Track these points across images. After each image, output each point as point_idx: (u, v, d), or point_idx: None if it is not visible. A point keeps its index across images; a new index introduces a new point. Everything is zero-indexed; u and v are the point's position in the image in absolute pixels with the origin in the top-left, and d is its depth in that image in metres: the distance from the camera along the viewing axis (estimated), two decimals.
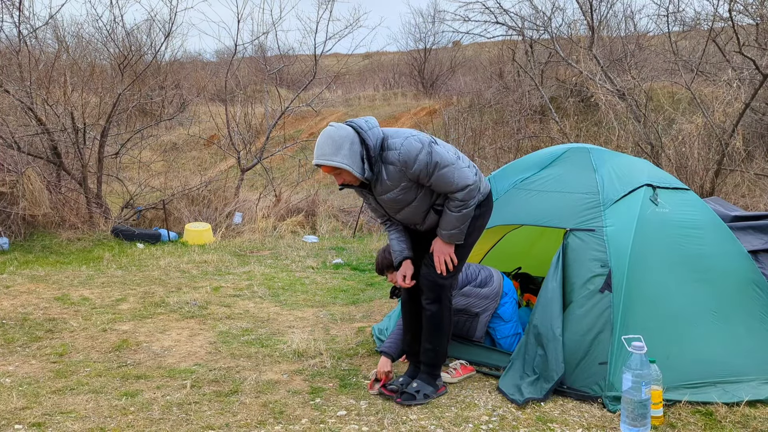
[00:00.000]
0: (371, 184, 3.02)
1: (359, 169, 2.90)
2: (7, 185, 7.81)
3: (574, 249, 3.39)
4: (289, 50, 17.03)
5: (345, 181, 2.96)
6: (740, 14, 8.53)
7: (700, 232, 3.53)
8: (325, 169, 2.91)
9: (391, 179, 2.96)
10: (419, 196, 3.04)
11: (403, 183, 2.97)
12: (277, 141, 13.70)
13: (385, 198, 3.04)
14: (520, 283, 4.52)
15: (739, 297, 3.40)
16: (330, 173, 2.94)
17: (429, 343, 3.22)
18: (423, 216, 3.11)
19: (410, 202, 3.05)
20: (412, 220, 3.15)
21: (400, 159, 2.90)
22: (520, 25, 12.29)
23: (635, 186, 3.57)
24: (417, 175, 2.93)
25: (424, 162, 2.89)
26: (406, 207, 3.07)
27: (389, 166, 2.94)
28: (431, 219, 3.13)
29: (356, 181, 2.97)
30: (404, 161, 2.90)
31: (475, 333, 3.72)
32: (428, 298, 3.18)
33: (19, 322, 4.52)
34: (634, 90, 10.02)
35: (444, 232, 3.06)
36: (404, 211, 3.10)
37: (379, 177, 2.97)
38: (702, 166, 8.31)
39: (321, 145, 2.89)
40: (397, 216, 3.15)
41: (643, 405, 2.73)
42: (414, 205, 3.06)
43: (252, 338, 4.23)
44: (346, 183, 2.98)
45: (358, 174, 2.90)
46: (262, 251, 7.96)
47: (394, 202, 3.05)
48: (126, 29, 11.99)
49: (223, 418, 2.92)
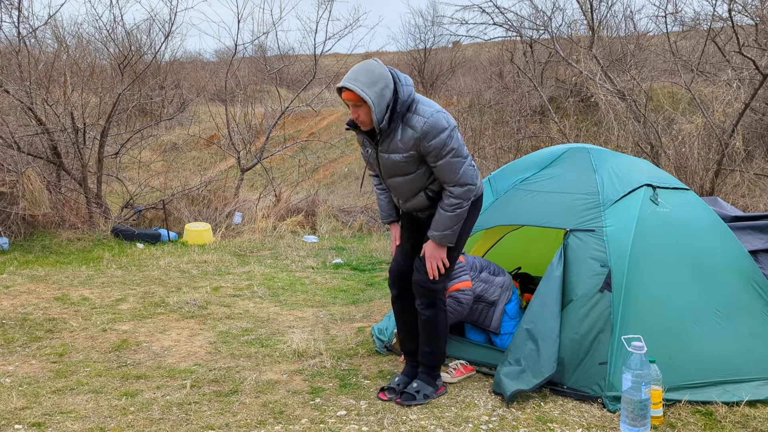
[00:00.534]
0: (379, 137, 2.93)
1: (380, 115, 2.82)
2: (7, 185, 7.80)
3: (574, 249, 3.40)
4: (289, 50, 17.05)
5: (359, 118, 2.86)
6: (739, 14, 8.53)
7: (700, 231, 3.54)
8: (349, 95, 2.81)
9: (404, 143, 2.89)
10: (419, 171, 2.97)
11: (412, 152, 2.90)
12: (277, 141, 13.71)
13: (386, 158, 2.96)
14: (520, 283, 4.52)
15: (739, 297, 3.40)
16: (350, 101, 2.83)
17: (427, 346, 3.22)
18: (411, 193, 3.04)
19: (407, 173, 2.98)
20: (399, 190, 3.07)
21: (423, 128, 2.83)
22: (519, 25, 12.29)
23: (635, 186, 3.57)
24: (429, 151, 2.86)
25: (442, 141, 2.84)
26: (400, 176, 3.00)
27: (408, 130, 2.87)
28: (417, 201, 3.07)
29: (369, 124, 2.88)
30: (426, 132, 2.83)
31: (491, 323, 3.75)
32: (422, 304, 3.16)
33: (19, 322, 4.52)
34: (634, 90, 10.02)
35: (436, 234, 3.00)
36: (397, 179, 3.02)
37: (393, 135, 2.90)
38: (702, 166, 8.31)
39: (357, 72, 2.80)
40: (387, 180, 3.08)
41: (643, 405, 2.74)
42: (409, 178, 2.99)
43: (252, 338, 4.23)
44: (357, 123, 2.89)
45: (376, 118, 2.82)
46: (262, 251, 7.96)
47: (393, 166, 2.97)
48: (126, 29, 12.01)
49: (223, 418, 2.93)
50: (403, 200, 3.11)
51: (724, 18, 8.56)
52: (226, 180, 10.45)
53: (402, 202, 3.14)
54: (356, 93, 2.77)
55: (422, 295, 3.15)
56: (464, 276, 3.70)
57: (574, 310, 3.27)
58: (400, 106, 2.85)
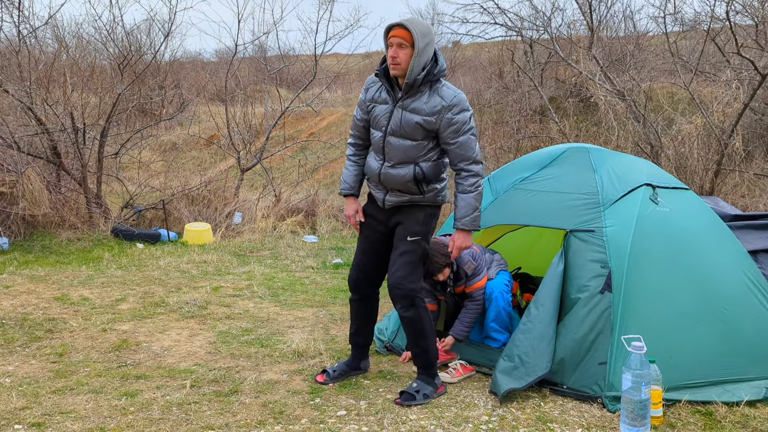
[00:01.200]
0: (403, 94, 3.01)
1: (419, 67, 2.93)
2: (6, 185, 7.80)
3: (574, 250, 3.40)
4: (290, 50, 17.02)
5: (398, 58, 2.93)
6: (739, 14, 8.54)
7: (700, 231, 3.54)
8: (402, 32, 2.90)
9: (429, 107, 2.99)
10: (422, 142, 3.06)
11: (431, 119, 3.00)
12: (277, 141, 13.70)
13: (404, 115, 3.02)
14: (520, 283, 4.52)
15: (739, 296, 3.40)
16: (399, 38, 2.91)
17: (416, 347, 3.26)
18: (404, 159, 3.07)
19: (413, 138, 3.05)
20: (395, 151, 3.08)
21: (452, 100, 2.98)
22: (519, 26, 12.27)
23: (634, 186, 3.57)
24: (452, 124, 2.99)
25: (466, 118, 3.01)
26: (407, 139, 3.06)
27: (436, 97, 3.00)
28: (403, 171, 3.08)
29: (403, 70, 2.95)
30: (454, 104, 2.98)
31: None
32: (403, 306, 3.20)
33: (19, 322, 4.52)
34: (634, 90, 10.02)
35: (465, 220, 3.09)
36: (401, 140, 3.06)
37: (420, 96, 3.01)
38: (701, 166, 8.32)
39: (414, 21, 2.94)
40: (389, 138, 3.09)
41: (642, 405, 2.74)
42: (412, 144, 3.06)
43: (252, 338, 4.23)
44: (393, 65, 2.95)
45: (413, 66, 2.92)
46: (262, 251, 7.96)
47: (407, 125, 3.03)
48: (126, 29, 12.00)
49: (223, 418, 2.93)
50: (391, 164, 3.12)
51: (722, 18, 8.56)
52: (226, 180, 10.45)
53: (388, 167, 3.13)
54: (410, 32, 2.89)
55: (401, 297, 3.19)
56: (484, 271, 3.71)
57: (575, 311, 3.27)
58: (437, 72, 2.99)
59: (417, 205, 3.19)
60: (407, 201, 3.17)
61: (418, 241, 3.18)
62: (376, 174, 3.20)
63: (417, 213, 3.20)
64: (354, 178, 3.35)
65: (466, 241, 3.16)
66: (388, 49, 2.97)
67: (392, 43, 2.95)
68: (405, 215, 3.21)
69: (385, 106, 3.11)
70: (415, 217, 3.19)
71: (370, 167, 3.24)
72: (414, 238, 3.18)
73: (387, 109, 3.10)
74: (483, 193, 3.13)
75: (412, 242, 3.18)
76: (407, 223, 3.19)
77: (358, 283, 3.41)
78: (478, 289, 3.67)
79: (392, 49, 2.94)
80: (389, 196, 3.20)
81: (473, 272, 3.66)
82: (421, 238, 3.19)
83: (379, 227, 3.30)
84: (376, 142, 3.19)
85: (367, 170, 3.27)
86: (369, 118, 3.22)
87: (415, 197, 3.16)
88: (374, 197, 3.29)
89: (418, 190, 3.13)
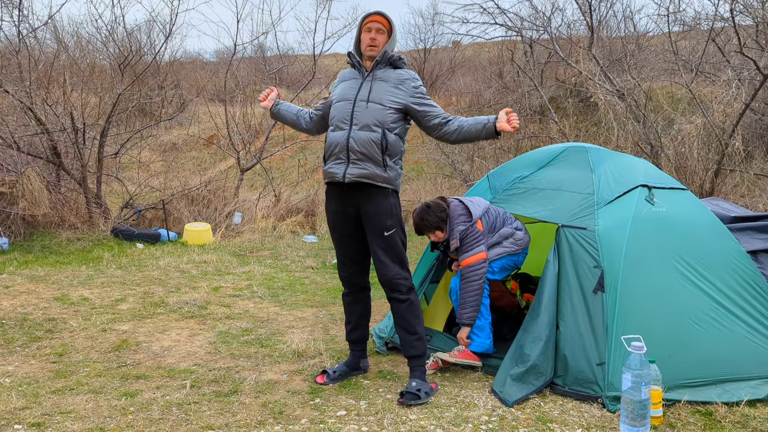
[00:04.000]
0: (371, 68, 3.32)
1: (392, 49, 3.35)
2: (6, 185, 7.80)
3: (566, 246, 3.40)
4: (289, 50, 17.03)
5: (376, 41, 3.29)
6: (740, 14, 8.53)
7: (698, 231, 3.53)
8: (383, 20, 3.30)
9: (395, 75, 3.31)
10: (391, 108, 3.25)
11: (398, 85, 3.29)
12: (277, 141, 13.69)
13: (370, 85, 3.28)
14: (520, 283, 4.52)
15: (738, 297, 3.40)
16: (378, 23, 3.29)
17: (415, 333, 3.32)
18: (369, 122, 3.21)
19: (379, 102, 3.24)
20: (359, 116, 3.23)
21: (413, 74, 3.35)
22: (519, 26, 12.26)
23: (631, 186, 3.57)
24: (416, 91, 3.30)
25: (425, 90, 3.36)
26: (377, 103, 3.24)
27: (398, 71, 3.33)
28: (368, 136, 3.20)
29: (380, 50, 3.29)
30: (414, 77, 3.34)
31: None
32: (402, 292, 3.31)
33: (19, 322, 4.52)
34: (634, 90, 10.01)
35: (483, 119, 3.27)
36: (367, 104, 3.24)
37: (384, 69, 3.33)
38: (702, 167, 8.31)
39: (386, 12, 3.32)
40: (357, 103, 3.26)
41: (642, 405, 2.73)
42: (379, 107, 3.24)
43: (252, 338, 4.23)
44: (371, 46, 3.29)
45: (389, 49, 3.32)
46: (262, 251, 7.96)
47: (372, 90, 3.27)
48: (126, 29, 12.00)
49: (223, 418, 2.92)
50: (359, 126, 3.22)
51: (725, 18, 8.56)
52: (226, 180, 10.45)
53: (356, 129, 3.22)
54: (389, 20, 3.31)
55: (399, 285, 3.30)
56: (479, 247, 3.58)
57: (570, 311, 3.27)
58: (398, 57, 3.39)
59: (378, 188, 3.23)
60: (368, 175, 3.20)
61: (394, 233, 3.28)
62: (343, 139, 3.24)
63: (382, 202, 3.24)
64: (288, 107, 3.68)
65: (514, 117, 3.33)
66: (366, 33, 3.30)
67: (371, 27, 3.29)
68: (370, 204, 3.24)
69: (353, 81, 3.35)
70: (382, 208, 3.24)
71: (334, 137, 3.29)
72: (389, 232, 3.27)
73: (356, 83, 3.34)
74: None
75: (389, 236, 3.26)
76: (376, 219, 3.24)
77: (350, 277, 3.50)
78: (467, 266, 3.56)
79: (371, 33, 3.29)
80: (351, 168, 3.21)
81: (463, 248, 3.59)
82: (396, 229, 3.29)
83: (346, 219, 3.36)
84: (341, 111, 3.28)
85: (330, 143, 3.31)
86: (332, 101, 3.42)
87: (377, 171, 3.20)
88: (332, 179, 3.30)
89: (381, 162, 3.19)
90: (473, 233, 3.59)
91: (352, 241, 3.40)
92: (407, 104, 3.28)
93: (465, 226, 3.59)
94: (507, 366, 3.31)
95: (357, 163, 3.20)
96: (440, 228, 3.66)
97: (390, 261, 3.27)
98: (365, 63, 3.34)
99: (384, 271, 3.29)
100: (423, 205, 3.72)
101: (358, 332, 3.56)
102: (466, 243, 3.58)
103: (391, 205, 3.27)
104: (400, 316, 3.33)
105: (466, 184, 10.81)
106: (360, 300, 3.53)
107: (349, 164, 3.21)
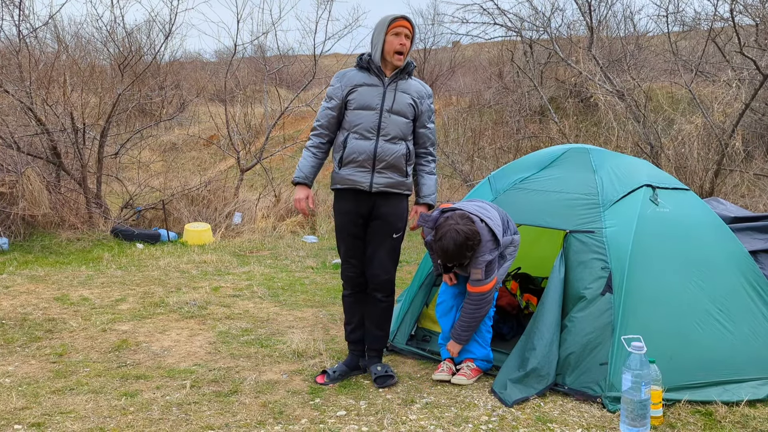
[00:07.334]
0: (393, 77, 3.30)
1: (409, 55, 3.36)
2: (6, 185, 7.80)
3: (574, 251, 3.39)
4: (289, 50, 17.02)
5: (405, 47, 3.25)
6: (740, 14, 8.54)
7: (700, 231, 3.53)
8: (409, 25, 3.26)
9: (414, 90, 3.35)
10: (411, 120, 3.33)
11: (417, 100, 3.34)
12: (277, 141, 13.69)
13: (394, 95, 3.28)
14: (520, 283, 4.52)
15: (739, 297, 3.40)
16: (406, 29, 3.25)
17: (382, 331, 3.51)
18: (399, 135, 3.28)
19: (406, 116, 3.31)
20: (392, 126, 3.26)
21: (428, 90, 3.43)
22: (519, 26, 12.27)
23: (635, 186, 3.57)
24: (428, 109, 3.41)
25: (433, 108, 3.45)
26: (398, 116, 3.29)
27: (416, 84, 3.39)
28: (396, 147, 3.27)
29: (403, 56, 3.27)
30: (430, 94, 3.42)
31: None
32: (384, 293, 3.43)
33: (19, 322, 4.52)
34: (634, 90, 10.01)
35: (432, 196, 3.50)
36: (395, 117, 3.28)
37: (405, 79, 3.35)
38: (701, 167, 8.32)
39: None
40: (384, 114, 3.26)
41: (642, 405, 2.73)
42: (403, 121, 3.30)
43: (252, 338, 4.23)
44: (400, 53, 3.25)
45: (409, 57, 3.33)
46: (262, 251, 7.96)
47: (401, 102, 3.29)
48: (126, 29, 11.99)
49: (223, 418, 2.92)
50: (388, 138, 3.27)
51: (725, 18, 8.56)
52: (226, 180, 10.45)
53: (385, 141, 3.27)
54: (414, 27, 3.28)
55: (386, 287, 3.42)
56: (494, 274, 3.37)
57: (577, 313, 3.26)
58: (413, 66, 3.42)
59: (399, 195, 3.36)
60: (393, 184, 3.32)
61: (400, 236, 3.42)
62: (370, 150, 3.26)
63: (399, 206, 3.38)
64: (311, 169, 3.44)
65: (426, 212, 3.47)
66: (394, 37, 3.23)
67: (399, 32, 3.24)
68: (390, 206, 3.34)
69: (375, 88, 3.30)
70: (399, 211, 3.37)
71: (359, 146, 3.27)
72: (398, 234, 3.40)
73: (378, 91, 3.29)
74: None
75: (395, 238, 3.39)
76: (392, 219, 3.35)
77: (356, 277, 3.52)
78: (480, 293, 3.35)
79: (400, 38, 3.24)
80: (377, 177, 3.28)
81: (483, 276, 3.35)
82: (402, 233, 3.43)
83: (358, 221, 3.40)
84: (367, 120, 3.27)
85: (353, 151, 3.28)
86: (344, 103, 3.34)
87: (400, 179, 3.34)
88: (353, 186, 3.30)
89: (405, 171, 3.34)
90: (495, 261, 3.36)
91: (360, 241, 3.44)
92: (418, 121, 3.40)
93: (492, 256, 3.30)
94: (508, 370, 3.31)
95: (383, 172, 3.29)
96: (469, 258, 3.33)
97: (391, 263, 3.40)
98: (385, 69, 3.31)
99: (383, 272, 3.37)
100: (458, 234, 3.18)
101: (359, 333, 3.58)
102: (486, 272, 3.33)
103: (405, 209, 3.40)
104: (376, 315, 3.47)
105: (466, 184, 10.82)
106: (362, 300, 3.56)
107: (375, 173, 3.28)
